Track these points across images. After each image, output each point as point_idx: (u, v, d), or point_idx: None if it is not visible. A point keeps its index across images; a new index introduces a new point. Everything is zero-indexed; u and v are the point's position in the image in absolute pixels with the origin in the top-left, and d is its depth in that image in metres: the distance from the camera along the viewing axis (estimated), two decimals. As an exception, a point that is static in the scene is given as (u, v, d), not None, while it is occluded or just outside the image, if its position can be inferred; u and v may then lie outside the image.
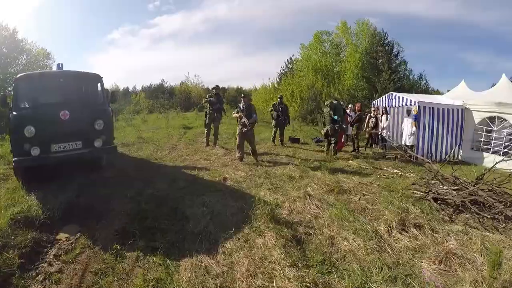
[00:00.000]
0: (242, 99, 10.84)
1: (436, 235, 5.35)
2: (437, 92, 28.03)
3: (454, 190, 7.06)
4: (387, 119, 14.59)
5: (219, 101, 12.87)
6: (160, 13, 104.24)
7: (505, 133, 12.16)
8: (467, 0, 76.55)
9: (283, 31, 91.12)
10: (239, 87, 56.57)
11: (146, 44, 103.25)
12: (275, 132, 13.79)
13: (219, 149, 12.20)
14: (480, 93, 15.23)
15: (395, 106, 13.82)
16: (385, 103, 14.59)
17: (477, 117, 13.02)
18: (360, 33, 30.27)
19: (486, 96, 13.97)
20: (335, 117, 11.67)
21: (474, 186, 7.05)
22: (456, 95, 15.11)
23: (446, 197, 6.91)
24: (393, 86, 25.06)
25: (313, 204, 6.51)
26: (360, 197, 7.23)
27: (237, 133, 10.97)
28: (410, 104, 13.00)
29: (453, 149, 13.32)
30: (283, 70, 36.90)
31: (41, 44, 36.18)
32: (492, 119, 12.50)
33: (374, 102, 15.68)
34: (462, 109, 13.21)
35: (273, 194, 7.27)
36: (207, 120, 12.86)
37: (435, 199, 7.02)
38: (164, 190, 7.35)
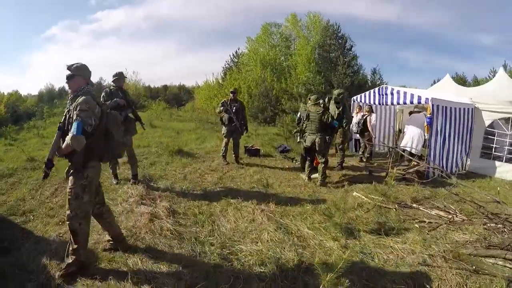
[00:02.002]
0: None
1: None
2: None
3: None
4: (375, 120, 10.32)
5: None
6: (102, 7, 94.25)
7: None
8: (406, 4, 77.80)
9: (227, 30, 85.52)
10: (182, 84, 52.09)
11: (87, 40, 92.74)
12: (226, 144, 8.70)
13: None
14: (475, 89, 11.83)
15: (390, 103, 9.53)
16: (372, 100, 10.27)
17: (488, 119, 9.62)
18: (311, 26, 26.57)
19: (493, 92, 10.27)
20: (335, 123, 7.20)
21: None
22: (444, 90, 11.45)
23: None
24: (349, 80, 22.34)
25: None
26: None
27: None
28: (418, 102, 8.76)
29: (463, 159, 9.57)
30: (228, 64, 31.84)
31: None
32: (506, 121, 9.23)
33: (355, 98, 11.25)
34: (472, 109, 9.43)
35: None
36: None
37: None
38: None
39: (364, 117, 9.90)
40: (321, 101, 7.43)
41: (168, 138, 12.41)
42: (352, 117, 9.77)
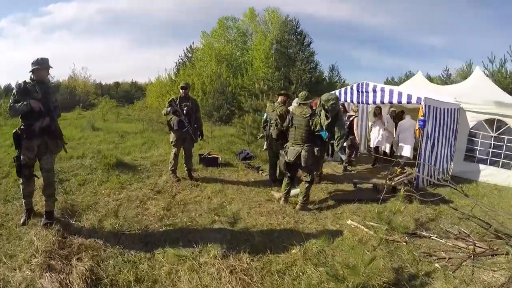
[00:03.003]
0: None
1: None
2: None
3: None
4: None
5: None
6: (55, 0, 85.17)
7: (505, 140, 8.07)
8: (360, 5, 79.45)
9: (183, 24, 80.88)
10: (134, 81, 47.99)
11: (38, 34, 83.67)
12: (176, 156, 6.42)
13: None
14: (451, 87, 10.77)
15: (372, 102, 7.88)
16: (349, 98, 8.59)
17: (472, 120, 8.51)
18: (269, 21, 24.76)
19: (475, 92, 9.14)
20: (324, 133, 5.28)
21: None
22: (421, 88, 10.20)
23: None
24: (308, 76, 20.94)
25: None
26: None
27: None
28: (408, 102, 7.16)
29: (448, 164, 8.27)
30: (182, 59, 29.06)
31: None
32: (490, 122, 8.25)
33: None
34: (457, 110, 8.23)
35: None
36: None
37: None
38: None
39: (351, 119, 8.22)
40: (310, 101, 5.55)
41: (108, 145, 9.89)
42: (347, 130, 8.08)
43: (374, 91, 7.56)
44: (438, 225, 5.18)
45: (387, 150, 8.90)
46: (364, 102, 8.03)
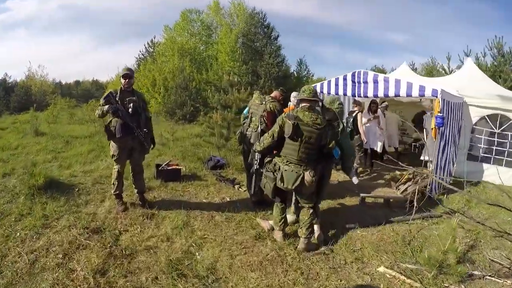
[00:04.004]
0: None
1: None
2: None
3: None
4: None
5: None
6: None
7: (509, 137, 6.84)
8: (319, 3, 78.96)
9: (146, 21, 75.34)
10: (95, 79, 44.66)
11: None
12: (120, 174, 4.27)
13: None
14: (440, 79, 9.49)
15: (373, 96, 6.20)
16: (342, 91, 6.89)
17: (476, 115, 7.14)
18: (235, 14, 22.78)
19: (473, 85, 7.86)
20: (336, 151, 3.63)
21: None
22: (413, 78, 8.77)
23: None
24: (276, 70, 19.40)
25: None
26: None
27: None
28: (420, 95, 5.57)
29: (453, 164, 6.92)
30: (143, 54, 26.20)
31: None
32: (493, 117, 7.01)
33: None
34: (461, 104, 6.90)
35: None
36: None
37: None
38: None
39: (354, 115, 6.46)
40: (321, 103, 3.84)
41: (47, 154, 7.56)
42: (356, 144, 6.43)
43: (375, 81, 5.91)
44: (481, 252, 3.70)
45: (379, 150, 7.38)
46: (362, 95, 6.33)
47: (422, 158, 7.36)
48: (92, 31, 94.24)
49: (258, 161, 3.96)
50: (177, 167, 5.82)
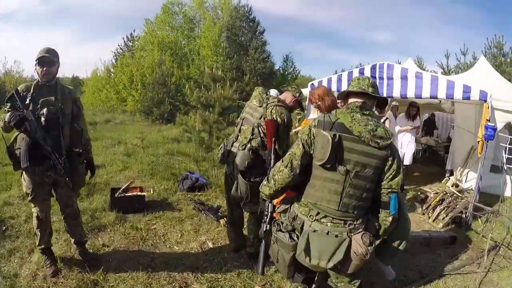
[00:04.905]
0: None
1: None
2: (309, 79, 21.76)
3: None
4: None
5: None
6: None
7: None
8: (305, 1, 76.91)
9: (130, 15, 71.43)
10: (75, 76, 40.61)
11: None
12: (41, 220, 2.57)
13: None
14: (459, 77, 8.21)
15: (400, 96, 4.60)
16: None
17: (500, 121, 5.45)
18: (219, 7, 21.23)
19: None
20: (394, 202, 1.75)
21: None
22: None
23: None
24: (262, 66, 18.00)
25: None
26: None
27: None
28: (465, 97, 4.12)
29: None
30: (121, 49, 23.94)
31: None
32: None
33: (314, 83, 5.94)
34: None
35: None
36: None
37: None
38: None
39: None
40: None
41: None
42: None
43: (404, 77, 4.41)
44: None
45: (409, 162, 5.88)
46: (386, 95, 4.72)
47: (447, 167, 6.05)
48: (74, 26, 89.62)
49: (268, 217, 2.11)
50: (140, 193, 4.12)
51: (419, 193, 5.09)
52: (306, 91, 4.86)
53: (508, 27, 41.08)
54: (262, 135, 2.65)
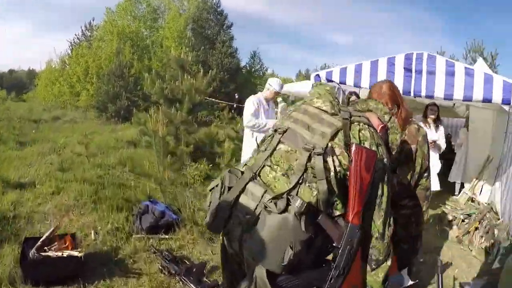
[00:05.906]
0: None
1: None
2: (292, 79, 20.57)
3: None
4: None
5: None
6: None
7: None
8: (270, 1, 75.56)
9: (93, 7, 65.96)
10: (32, 69, 38.03)
11: None
12: None
13: None
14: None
15: (445, 97, 3.17)
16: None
17: None
18: (185, -1, 19.33)
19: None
20: None
21: None
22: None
23: None
24: (229, 61, 16.99)
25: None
26: None
27: None
28: (502, 101, 2.87)
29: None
30: (78, 39, 21.02)
31: None
32: None
33: (322, 75, 4.23)
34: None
35: None
36: None
37: None
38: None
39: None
40: None
41: None
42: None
43: (451, 73, 2.99)
44: None
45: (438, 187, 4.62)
46: (413, 94, 3.27)
47: (456, 180, 4.99)
48: (35, 18, 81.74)
49: None
50: (72, 251, 2.32)
51: (440, 213, 3.97)
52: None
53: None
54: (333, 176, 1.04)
